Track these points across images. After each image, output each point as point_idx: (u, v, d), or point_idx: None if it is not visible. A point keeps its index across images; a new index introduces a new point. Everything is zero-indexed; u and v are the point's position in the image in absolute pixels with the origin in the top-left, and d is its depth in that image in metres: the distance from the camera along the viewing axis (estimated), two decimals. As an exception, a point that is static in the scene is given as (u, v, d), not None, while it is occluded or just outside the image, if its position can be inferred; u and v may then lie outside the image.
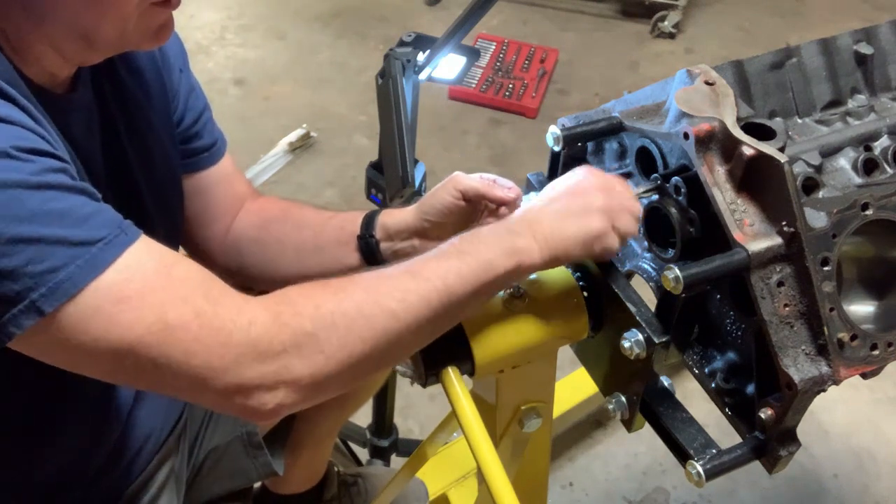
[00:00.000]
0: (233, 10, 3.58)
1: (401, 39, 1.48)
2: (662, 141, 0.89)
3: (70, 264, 0.70)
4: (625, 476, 1.96)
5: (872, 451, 2.03)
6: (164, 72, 1.06)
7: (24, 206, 0.69)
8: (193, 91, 1.12)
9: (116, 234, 0.73)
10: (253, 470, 1.25)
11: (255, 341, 0.75)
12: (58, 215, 0.71)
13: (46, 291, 0.69)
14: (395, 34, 1.60)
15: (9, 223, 0.68)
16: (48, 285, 0.69)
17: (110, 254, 0.72)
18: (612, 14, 3.67)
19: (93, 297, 0.71)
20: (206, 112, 1.14)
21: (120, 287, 0.72)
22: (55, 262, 0.70)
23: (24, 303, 0.69)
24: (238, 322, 0.75)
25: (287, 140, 2.85)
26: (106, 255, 0.72)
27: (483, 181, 1.02)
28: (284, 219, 1.18)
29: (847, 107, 0.98)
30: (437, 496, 1.65)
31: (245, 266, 1.18)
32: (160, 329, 0.72)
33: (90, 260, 0.71)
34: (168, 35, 0.87)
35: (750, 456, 0.85)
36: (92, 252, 0.71)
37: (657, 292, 0.88)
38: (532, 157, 2.86)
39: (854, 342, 0.80)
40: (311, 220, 1.16)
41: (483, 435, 0.83)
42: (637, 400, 0.89)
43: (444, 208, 1.04)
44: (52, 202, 0.71)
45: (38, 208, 0.70)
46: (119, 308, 0.72)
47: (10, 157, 0.69)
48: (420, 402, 2.05)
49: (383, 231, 1.09)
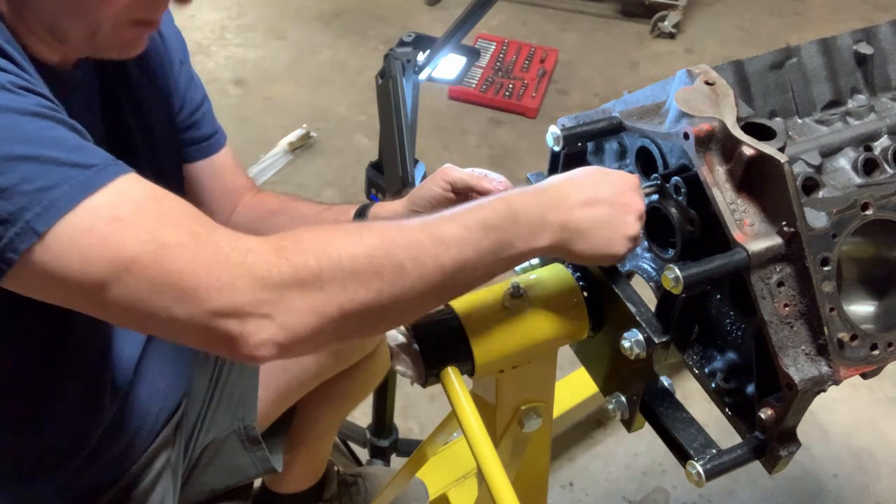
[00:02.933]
0: (233, 10, 3.58)
1: (401, 39, 1.49)
2: (662, 141, 0.89)
3: (63, 183, 0.70)
4: (625, 476, 1.96)
5: (872, 451, 2.03)
6: (166, 61, 1.08)
7: (19, 129, 0.70)
8: (192, 82, 1.14)
9: (109, 164, 0.73)
10: (251, 466, 1.25)
11: (251, 266, 0.72)
12: (53, 141, 0.71)
13: (41, 210, 0.69)
14: (395, 34, 1.60)
15: (3, 143, 0.68)
16: (42, 203, 0.69)
17: (103, 177, 0.72)
18: (612, 14, 3.67)
19: (87, 216, 0.70)
20: (204, 103, 1.16)
21: (114, 207, 0.71)
22: (48, 181, 0.69)
23: (18, 224, 0.68)
24: (236, 247, 0.73)
25: (287, 140, 2.85)
26: (99, 178, 0.71)
27: (472, 174, 1.03)
28: (281, 211, 1.20)
29: (847, 107, 0.98)
30: (437, 496, 1.65)
31: None
32: (155, 247, 0.71)
33: (84, 181, 0.71)
34: (137, 51, 0.89)
35: (750, 456, 0.85)
36: (86, 174, 0.71)
37: (657, 292, 0.88)
38: (532, 157, 2.86)
39: (854, 342, 0.80)
40: (306, 213, 1.18)
41: (483, 435, 0.83)
42: (637, 400, 0.89)
43: (433, 199, 1.05)
44: (48, 130, 0.72)
45: (34, 133, 0.70)
46: (113, 227, 0.70)
47: (6, 90, 0.71)
48: (420, 402, 2.05)
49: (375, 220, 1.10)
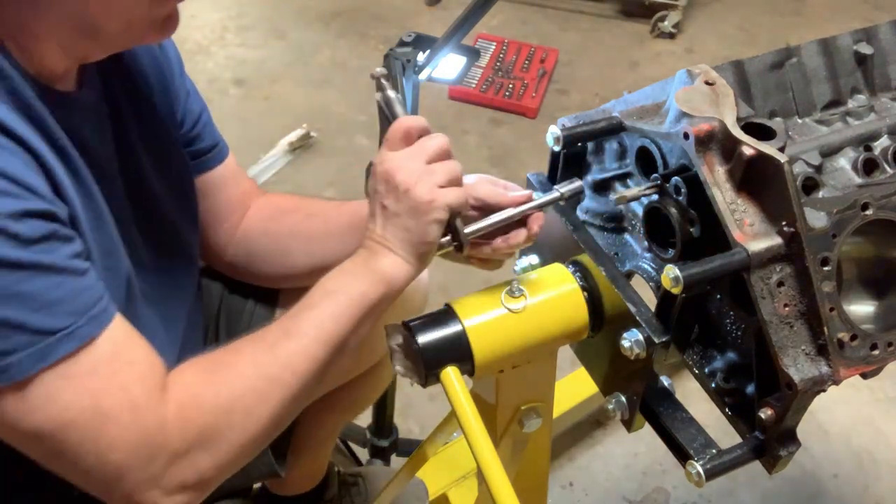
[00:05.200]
0: (233, 10, 3.58)
1: (401, 39, 1.49)
2: (662, 141, 0.89)
3: (21, 350, 0.70)
4: (625, 476, 1.96)
5: (872, 451, 2.03)
6: (167, 73, 1.06)
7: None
8: (190, 95, 1.12)
9: (80, 325, 0.73)
10: (254, 470, 1.25)
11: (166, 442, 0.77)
12: (23, 298, 0.70)
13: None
14: (395, 34, 1.60)
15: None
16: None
17: (66, 346, 0.72)
18: (612, 14, 3.67)
19: (35, 382, 0.71)
20: (203, 114, 1.15)
21: (67, 367, 0.73)
22: (7, 346, 0.70)
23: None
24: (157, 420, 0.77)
25: (287, 140, 2.85)
26: (60, 346, 0.72)
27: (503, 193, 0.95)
28: (296, 210, 1.19)
29: (847, 107, 0.98)
30: (437, 496, 1.65)
31: (253, 261, 1.19)
32: (93, 415, 0.74)
33: (43, 349, 0.71)
34: (175, 26, 0.86)
35: (750, 456, 0.85)
36: (48, 342, 0.71)
37: (657, 292, 0.88)
38: (532, 157, 2.85)
39: (854, 342, 0.80)
40: (322, 209, 1.17)
41: (483, 435, 0.83)
42: (637, 400, 0.89)
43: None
44: (24, 283, 0.70)
45: (6, 288, 0.69)
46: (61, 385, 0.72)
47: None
48: (420, 402, 2.04)
49: None
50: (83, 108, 0.89)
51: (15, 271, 0.70)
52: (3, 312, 0.69)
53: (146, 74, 1.02)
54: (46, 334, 0.71)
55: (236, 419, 0.80)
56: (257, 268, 1.19)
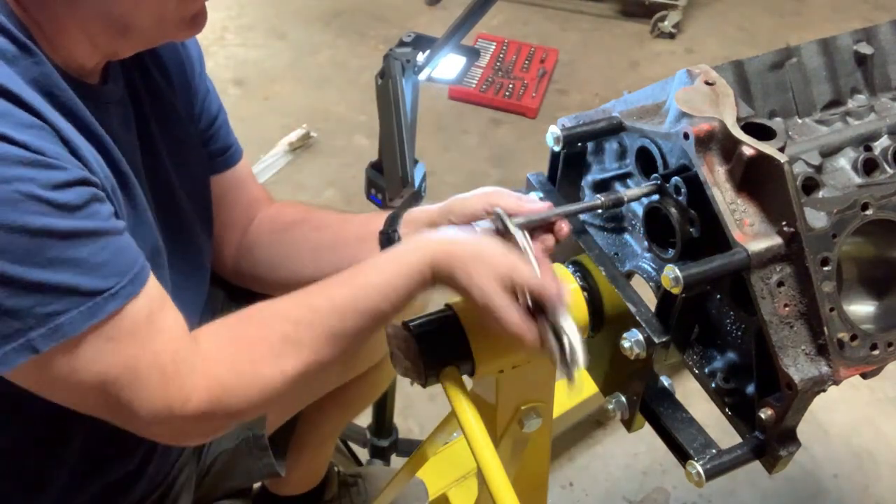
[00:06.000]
0: (233, 10, 3.58)
1: (401, 39, 1.49)
2: (662, 141, 0.89)
3: (73, 310, 0.74)
4: (625, 476, 1.96)
5: (872, 451, 2.03)
6: (189, 71, 1.06)
7: (45, 254, 0.72)
8: (209, 94, 1.12)
9: (123, 285, 0.77)
10: (255, 470, 1.25)
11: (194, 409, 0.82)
12: (74, 263, 0.74)
13: (46, 332, 0.73)
14: (395, 34, 1.60)
15: (28, 268, 0.71)
16: (48, 326, 0.73)
17: (112, 305, 0.76)
18: (612, 14, 3.67)
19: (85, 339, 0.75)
20: (220, 115, 1.14)
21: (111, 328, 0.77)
22: (60, 307, 0.73)
23: (20, 340, 0.72)
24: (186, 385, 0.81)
25: (287, 140, 2.85)
26: (108, 305, 0.76)
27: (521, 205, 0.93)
28: (304, 221, 1.17)
29: (847, 107, 0.98)
30: (437, 496, 1.65)
31: (258, 270, 1.18)
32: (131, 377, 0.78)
33: (92, 308, 0.75)
34: (203, 23, 0.88)
35: (750, 456, 0.85)
36: (96, 301, 0.75)
37: (657, 292, 0.88)
38: (532, 157, 2.85)
39: (854, 342, 0.80)
40: (331, 221, 1.16)
41: (483, 435, 0.83)
42: (637, 400, 0.89)
43: (474, 217, 0.97)
44: (72, 250, 0.74)
45: (58, 256, 0.73)
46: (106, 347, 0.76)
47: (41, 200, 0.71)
48: (420, 402, 2.04)
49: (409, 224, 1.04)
50: (110, 101, 0.90)
51: (64, 240, 0.73)
52: (57, 278, 0.72)
53: (168, 71, 1.02)
54: (95, 294, 0.75)
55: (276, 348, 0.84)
56: (263, 275, 1.18)
